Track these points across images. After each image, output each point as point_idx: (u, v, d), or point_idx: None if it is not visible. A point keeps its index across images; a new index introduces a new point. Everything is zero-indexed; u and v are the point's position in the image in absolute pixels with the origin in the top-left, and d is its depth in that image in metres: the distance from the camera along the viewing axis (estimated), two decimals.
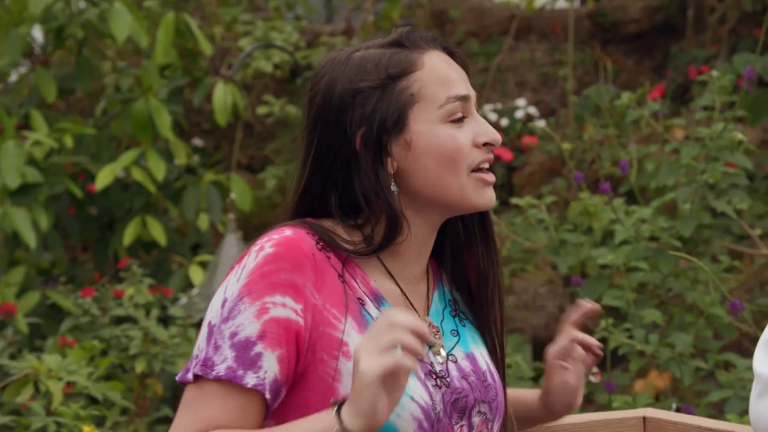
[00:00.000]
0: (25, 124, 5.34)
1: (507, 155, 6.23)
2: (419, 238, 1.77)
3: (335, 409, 1.56)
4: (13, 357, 4.25)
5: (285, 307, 1.64)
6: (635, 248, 3.66)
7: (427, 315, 1.79)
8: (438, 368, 1.73)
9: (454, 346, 1.78)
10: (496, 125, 6.42)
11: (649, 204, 3.90)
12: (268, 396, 1.63)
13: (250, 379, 1.62)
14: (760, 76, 4.57)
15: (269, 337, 1.63)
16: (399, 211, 1.72)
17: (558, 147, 4.79)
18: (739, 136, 3.66)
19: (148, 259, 5.40)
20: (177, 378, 1.70)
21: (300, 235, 1.69)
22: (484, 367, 1.80)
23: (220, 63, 5.73)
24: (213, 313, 1.67)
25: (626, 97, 3.97)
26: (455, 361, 1.76)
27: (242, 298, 1.64)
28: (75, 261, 5.87)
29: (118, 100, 5.27)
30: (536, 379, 4.07)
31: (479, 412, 1.77)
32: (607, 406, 3.52)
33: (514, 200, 4.09)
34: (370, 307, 1.71)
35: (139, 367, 4.08)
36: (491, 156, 1.77)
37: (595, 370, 3.50)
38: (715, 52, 6.32)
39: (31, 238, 4.50)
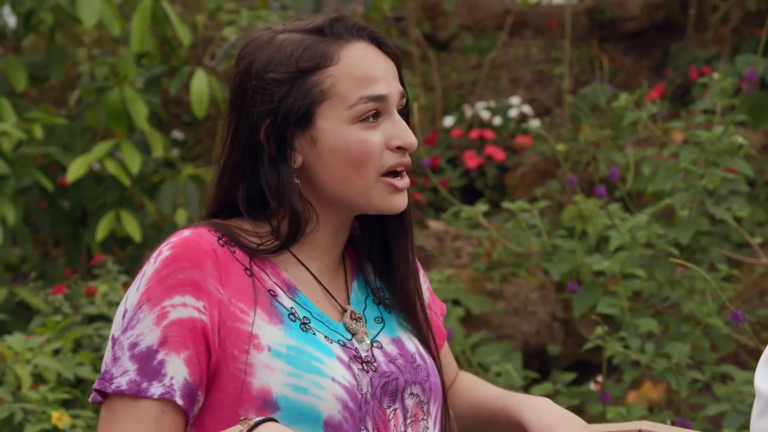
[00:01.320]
0: None
1: (499, 155, 6.22)
2: (329, 229, 1.76)
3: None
4: None
5: (186, 307, 1.62)
6: (631, 255, 3.65)
7: (348, 303, 1.79)
8: (363, 354, 1.73)
9: (378, 333, 1.78)
10: (488, 124, 6.41)
11: (645, 209, 3.89)
12: (180, 402, 1.61)
13: (156, 389, 1.61)
14: (762, 78, 4.56)
15: (171, 341, 1.62)
16: (300, 207, 1.71)
17: (552, 148, 4.77)
18: (740, 139, 3.65)
19: (122, 256, 5.36)
20: (89, 398, 1.68)
21: (199, 234, 1.68)
22: (412, 349, 1.79)
23: (203, 53, 5.70)
24: (115, 326, 1.66)
25: (624, 98, 3.96)
26: (380, 347, 1.76)
27: (141, 306, 1.63)
28: (46, 256, 5.83)
29: (92, 89, 5.23)
30: (527, 388, 4.05)
31: (411, 393, 1.76)
32: (600, 418, 3.51)
33: (506, 204, 4.08)
34: (283, 298, 1.70)
35: None
36: (406, 160, 1.74)
37: (599, 378, 3.49)
38: (717, 53, 6.31)
39: None
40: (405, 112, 1.77)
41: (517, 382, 3.85)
